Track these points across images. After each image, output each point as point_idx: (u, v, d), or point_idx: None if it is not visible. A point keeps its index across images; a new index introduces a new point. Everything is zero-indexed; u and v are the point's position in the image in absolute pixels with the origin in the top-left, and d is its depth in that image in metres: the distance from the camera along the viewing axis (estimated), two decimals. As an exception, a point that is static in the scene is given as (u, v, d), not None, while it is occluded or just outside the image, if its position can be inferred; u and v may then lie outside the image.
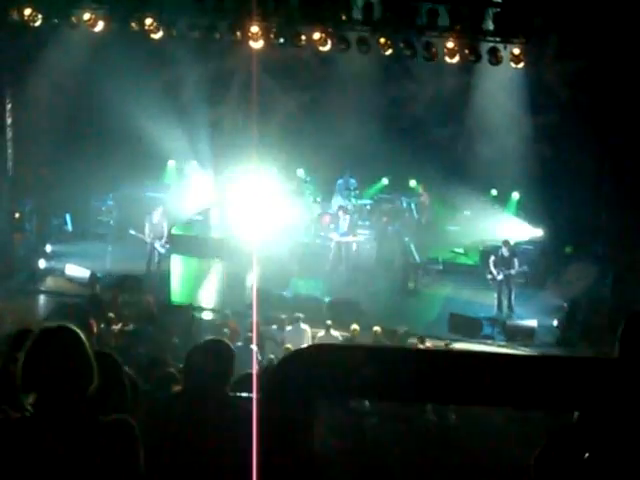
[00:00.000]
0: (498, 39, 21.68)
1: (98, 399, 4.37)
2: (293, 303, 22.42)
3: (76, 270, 23.57)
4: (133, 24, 22.73)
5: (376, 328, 19.84)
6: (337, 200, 27.17)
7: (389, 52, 22.43)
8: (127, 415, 4.54)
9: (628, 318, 3.39)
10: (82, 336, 4.44)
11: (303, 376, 2.32)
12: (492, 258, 23.54)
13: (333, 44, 22.42)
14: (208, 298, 22.87)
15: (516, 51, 21.54)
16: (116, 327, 19.72)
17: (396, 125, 27.24)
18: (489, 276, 23.49)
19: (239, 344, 18.38)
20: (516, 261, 23.33)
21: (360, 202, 27.23)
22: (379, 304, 23.33)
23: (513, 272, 23.27)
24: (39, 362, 4.32)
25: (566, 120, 24.83)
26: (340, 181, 27.55)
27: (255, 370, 14.36)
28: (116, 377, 5.52)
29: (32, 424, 4.26)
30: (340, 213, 25.25)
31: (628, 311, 3.51)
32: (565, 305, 22.69)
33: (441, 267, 25.73)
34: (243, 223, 25.96)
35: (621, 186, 22.75)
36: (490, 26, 21.53)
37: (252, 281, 23.25)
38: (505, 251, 23.42)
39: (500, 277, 23.20)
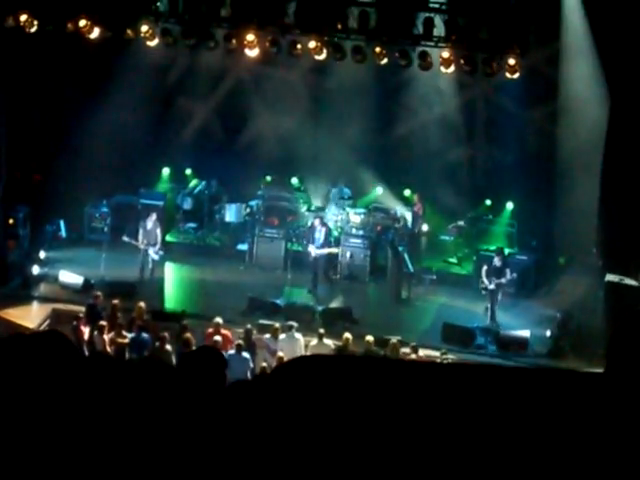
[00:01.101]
0: (494, 49, 21.72)
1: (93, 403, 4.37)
2: (286, 312, 22.41)
3: (70, 277, 23.51)
4: (129, 31, 22.76)
5: (368, 337, 19.84)
6: (331, 209, 27.15)
7: (384, 61, 22.46)
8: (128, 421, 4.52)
9: (613, 333, 3.38)
10: (72, 342, 4.44)
11: (296, 386, 2.32)
12: (484, 268, 23.57)
13: (329, 53, 22.45)
14: (201, 305, 22.84)
15: (511, 61, 21.58)
16: (109, 334, 19.71)
17: (390, 135, 27.28)
18: (481, 285, 23.53)
19: (231, 352, 18.39)
20: (508, 271, 23.35)
21: (354, 211, 27.21)
22: (372, 313, 23.35)
23: (504, 281, 23.29)
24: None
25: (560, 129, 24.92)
26: (334, 190, 27.52)
27: (247, 378, 14.35)
28: (110, 380, 5.50)
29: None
30: (316, 224, 24.90)
31: (620, 323, 3.51)
32: (558, 316, 22.70)
33: (434, 277, 25.72)
34: (238, 231, 25.99)
35: (616, 197, 22.76)
36: (486, 37, 21.57)
37: (245, 289, 23.25)
38: (497, 261, 23.45)
39: (492, 287, 23.21)
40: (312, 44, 22.20)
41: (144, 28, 22.61)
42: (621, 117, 22.41)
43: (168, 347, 18.92)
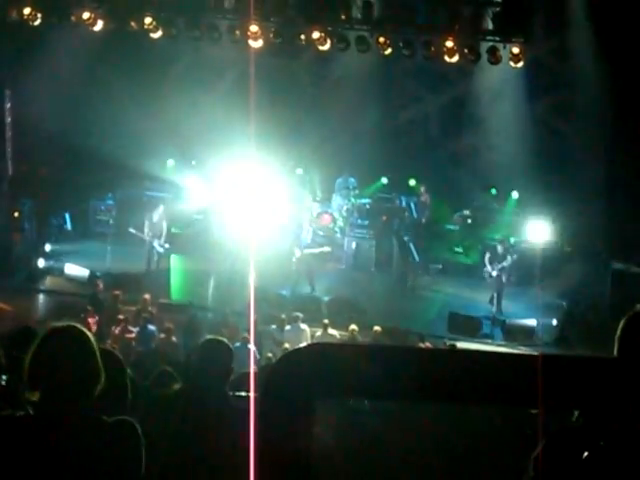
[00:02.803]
0: (497, 38, 21.70)
1: (100, 397, 4.37)
2: (292, 302, 22.41)
3: (75, 269, 23.55)
4: (132, 23, 22.75)
5: (376, 328, 19.84)
6: (336, 199, 27.15)
7: (388, 51, 22.43)
8: (128, 416, 4.53)
9: (628, 317, 3.39)
10: (90, 336, 4.45)
11: (302, 375, 2.32)
12: (487, 255, 23.64)
13: (332, 43, 22.43)
14: (207, 297, 22.85)
15: (515, 50, 21.55)
16: (117, 327, 19.73)
17: (395, 124, 27.26)
18: (485, 273, 23.57)
19: (237, 344, 18.39)
20: (509, 257, 23.39)
21: (359, 201, 27.20)
22: (378, 303, 23.32)
23: (506, 264, 23.30)
24: (46, 361, 4.32)
25: (565, 120, 24.90)
26: (339, 180, 27.52)
27: (253, 369, 14.35)
28: (118, 375, 5.52)
29: (34, 423, 4.25)
30: (304, 222, 24.73)
31: (627, 310, 3.51)
32: (564, 304, 22.70)
33: (440, 266, 25.74)
34: (242, 222, 25.94)
35: (622, 185, 22.77)
36: (489, 25, 21.55)
37: (251, 280, 23.25)
38: (500, 248, 23.49)
39: (495, 272, 23.23)
40: (316, 35, 22.19)
41: (147, 20, 22.60)
42: (626, 103, 22.40)
43: (174, 339, 18.94)
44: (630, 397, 2.14)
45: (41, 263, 23.86)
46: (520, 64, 21.92)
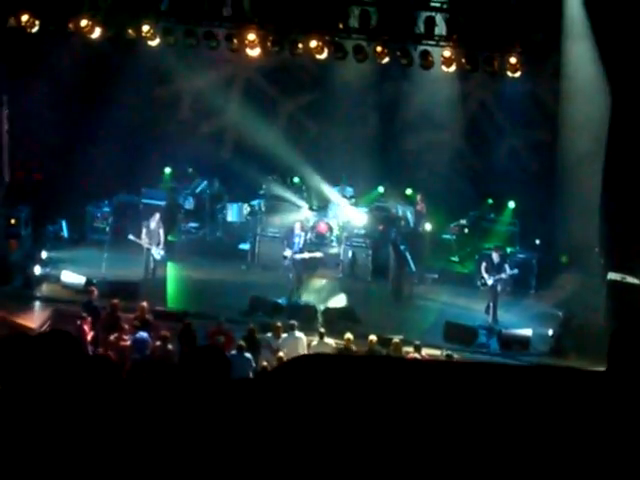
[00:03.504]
0: (495, 48, 21.73)
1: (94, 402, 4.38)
2: (288, 311, 22.40)
3: (72, 276, 23.49)
4: (130, 31, 22.76)
5: (372, 337, 19.82)
6: (333, 208, 27.12)
7: (385, 60, 22.46)
8: (121, 425, 4.52)
9: (613, 332, 3.39)
10: (77, 341, 4.45)
11: (297, 385, 2.32)
12: (484, 264, 23.61)
13: (330, 52, 22.46)
14: (203, 305, 22.82)
15: (513, 60, 21.59)
16: (112, 336, 19.69)
17: (392, 134, 27.28)
18: (481, 281, 23.56)
19: (233, 352, 18.37)
20: (507, 266, 23.40)
21: (356, 210, 27.17)
22: (374, 312, 23.29)
23: (504, 276, 23.32)
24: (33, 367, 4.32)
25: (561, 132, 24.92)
26: (336, 189, 27.50)
27: (249, 378, 14.34)
28: (112, 381, 5.51)
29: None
30: (296, 228, 24.60)
31: (621, 322, 3.52)
32: (560, 314, 22.69)
33: (436, 276, 25.71)
34: (240, 230, 25.98)
35: (618, 195, 22.77)
36: (487, 35, 21.58)
37: (247, 288, 23.23)
38: (496, 257, 23.47)
39: (491, 282, 23.20)
40: (313, 43, 22.21)
41: (145, 28, 22.61)
42: (623, 115, 22.42)
43: (170, 346, 18.92)
44: (617, 409, 2.15)
45: (37, 270, 23.80)
46: (518, 74, 21.97)
